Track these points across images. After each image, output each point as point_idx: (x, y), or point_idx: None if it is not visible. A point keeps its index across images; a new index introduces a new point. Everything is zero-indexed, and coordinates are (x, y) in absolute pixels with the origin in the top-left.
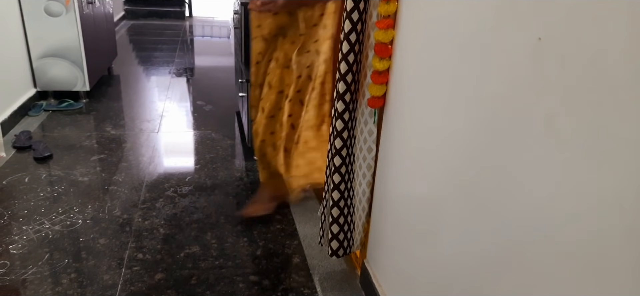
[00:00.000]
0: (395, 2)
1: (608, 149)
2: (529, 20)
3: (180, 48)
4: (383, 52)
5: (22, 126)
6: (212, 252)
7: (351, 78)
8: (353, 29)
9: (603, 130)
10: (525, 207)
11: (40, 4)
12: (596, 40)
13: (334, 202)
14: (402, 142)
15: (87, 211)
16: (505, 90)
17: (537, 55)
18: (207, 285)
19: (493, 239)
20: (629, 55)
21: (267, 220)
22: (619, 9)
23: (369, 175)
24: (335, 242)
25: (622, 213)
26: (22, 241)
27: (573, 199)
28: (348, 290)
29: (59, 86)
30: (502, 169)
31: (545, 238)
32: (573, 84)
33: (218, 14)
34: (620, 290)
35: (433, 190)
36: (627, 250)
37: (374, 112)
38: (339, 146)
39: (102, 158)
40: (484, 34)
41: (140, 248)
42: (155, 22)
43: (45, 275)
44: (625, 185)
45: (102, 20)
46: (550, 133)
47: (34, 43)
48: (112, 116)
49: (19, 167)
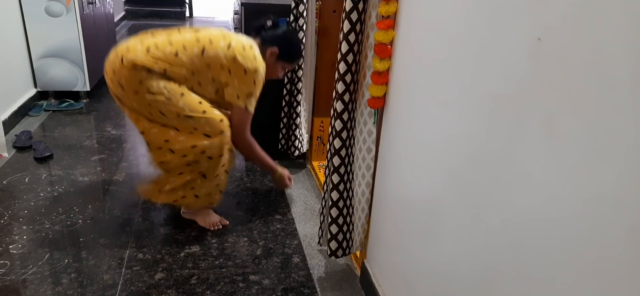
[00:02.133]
0: (395, 3)
1: (608, 149)
2: (529, 20)
3: None
4: (383, 53)
5: (23, 126)
6: (212, 252)
7: (350, 79)
8: (352, 29)
9: (603, 130)
10: (524, 207)
11: (41, 4)
12: (596, 40)
13: (333, 202)
14: (402, 142)
15: (88, 211)
16: (505, 90)
17: (537, 55)
18: (207, 284)
19: (492, 239)
20: (629, 55)
21: (267, 220)
22: (619, 9)
23: (369, 176)
24: (334, 243)
25: (621, 212)
26: (23, 241)
27: (572, 199)
28: (348, 290)
29: (59, 86)
30: (502, 169)
31: (544, 238)
32: (573, 84)
33: (218, 14)
34: (620, 289)
35: (433, 190)
36: (626, 250)
37: (373, 112)
38: (338, 146)
39: (102, 158)
40: (483, 34)
41: (140, 248)
42: (155, 22)
43: (46, 274)
44: (624, 184)
45: (102, 20)
46: (550, 133)
47: (35, 43)
48: (113, 116)
49: (19, 167)
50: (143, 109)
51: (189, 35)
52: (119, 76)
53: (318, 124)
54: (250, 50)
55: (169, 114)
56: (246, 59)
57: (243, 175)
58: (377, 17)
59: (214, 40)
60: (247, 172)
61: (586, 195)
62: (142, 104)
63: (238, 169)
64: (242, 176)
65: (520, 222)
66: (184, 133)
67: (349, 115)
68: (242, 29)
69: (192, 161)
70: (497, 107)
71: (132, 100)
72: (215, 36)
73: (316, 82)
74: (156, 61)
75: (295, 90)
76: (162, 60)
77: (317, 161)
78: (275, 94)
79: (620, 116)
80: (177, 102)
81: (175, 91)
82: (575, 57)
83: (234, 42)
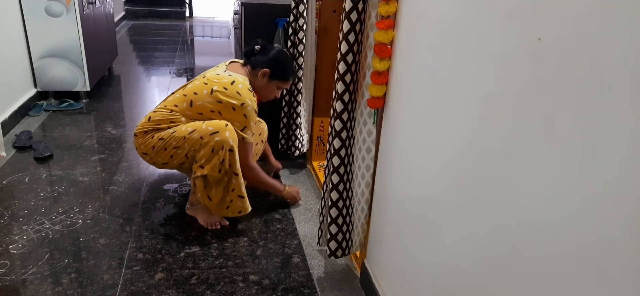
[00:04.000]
0: (395, 3)
1: (608, 149)
2: (529, 20)
3: (181, 48)
4: (383, 53)
5: (23, 126)
6: (212, 252)
7: (350, 79)
8: (351, 29)
9: (603, 130)
10: (524, 207)
11: (41, 4)
12: (596, 40)
13: (332, 202)
14: (402, 142)
15: (88, 211)
16: (505, 90)
17: (537, 55)
18: (207, 284)
19: (492, 239)
20: (629, 55)
21: (267, 219)
22: (619, 9)
23: (368, 176)
24: (334, 243)
25: (621, 213)
26: (22, 241)
27: (572, 199)
28: (348, 290)
29: (59, 86)
30: (501, 169)
31: (544, 238)
32: (573, 84)
33: (218, 14)
34: (620, 290)
35: (433, 190)
36: (627, 250)
37: (373, 112)
38: (338, 146)
39: (102, 158)
40: (483, 34)
41: (140, 248)
42: (155, 22)
43: (46, 274)
44: (624, 184)
45: (102, 20)
46: (550, 133)
47: (35, 43)
48: (113, 116)
49: (19, 167)
50: (166, 156)
51: (179, 93)
52: (138, 146)
53: (318, 124)
54: (232, 86)
55: (180, 142)
56: (230, 96)
57: None
58: (376, 17)
59: (199, 91)
60: None
61: (586, 194)
62: (161, 154)
63: None
64: None
65: (521, 221)
66: (201, 148)
67: (348, 115)
68: (242, 29)
69: (219, 162)
70: (497, 106)
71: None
72: (199, 87)
73: (316, 82)
74: (159, 123)
75: (296, 90)
76: (163, 120)
77: (317, 161)
78: None
79: (620, 116)
80: (180, 129)
81: (176, 127)
82: (575, 57)
83: (216, 86)
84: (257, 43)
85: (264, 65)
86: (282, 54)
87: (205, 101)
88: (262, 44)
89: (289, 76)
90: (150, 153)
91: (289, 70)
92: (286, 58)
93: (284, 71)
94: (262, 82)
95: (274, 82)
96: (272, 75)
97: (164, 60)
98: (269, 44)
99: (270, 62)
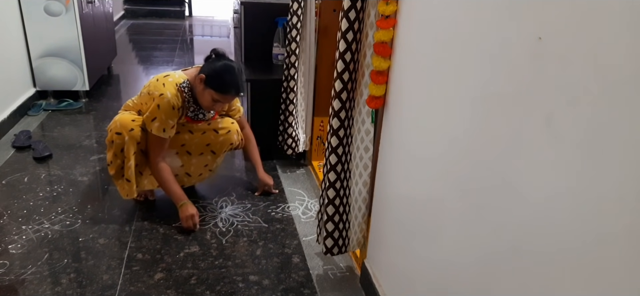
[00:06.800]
0: (395, 2)
1: (608, 149)
2: (529, 20)
3: (180, 47)
4: (383, 52)
5: (22, 126)
6: (212, 252)
7: (348, 77)
8: (350, 27)
9: (603, 130)
10: (524, 207)
11: (40, 4)
12: (596, 40)
13: (329, 200)
14: (402, 141)
15: (87, 211)
16: (505, 90)
17: (537, 55)
18: (207, 285)
19: (493, 239)
20: (629, 55)
21: (267, 219)
22: (619, 9)
23: (366, 175)
24: (330, 240)
25: (622, 213)
26: (22, 241)
27: (573, 199)
28: (348, 290)
29: (58, 86)
30: (501, 169)
31: (545, 238)
32: (573, 84)
33: (218, 14)
34: (621, 290)
35: (433, 190)
36: (627, 250)
37: (371, 111)
38: (335, 144)
39: (101, 157)
40: (484, 34)
41: (139, 248)
42: (154, 21)
43: (45, 274)
44: (625, 185)
45: (101, 19)
46: (550, 133)
47: (34, 42)
48: (112, 115)
49: (18, 167)
50: None
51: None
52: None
53: (318, 123)
54: (163, 79)
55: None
56: (155, 87)
57: (242, 175)
58: (376, 16)
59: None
60: (246, 172)
61: (586, 194)
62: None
63: (237, 169)
64: (242, 176)
65: (521, 221)
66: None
67: (346, 113)
68: (242, 29)
69: (110, 143)
70: (498, 106)
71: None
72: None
73: (316, 81)
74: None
75: (289, 89)
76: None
77: (317, 161)
78: (275, 94)
79: (620, 116)
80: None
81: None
82: (575, 56)
83: (152, 81)
84: (215, 51)
85: (204, 71)
86: (228, 67)
87: (143, 92)
88: (217, 52)
89: (225, 90)
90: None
91: (225, 83)
92: (229, 72)
93: (219, 83)
94: (199, 87)
95: (208, 90)
96: (206, 82)
97: (164, 60)
98: (225, 56)
99: (210, 70)
